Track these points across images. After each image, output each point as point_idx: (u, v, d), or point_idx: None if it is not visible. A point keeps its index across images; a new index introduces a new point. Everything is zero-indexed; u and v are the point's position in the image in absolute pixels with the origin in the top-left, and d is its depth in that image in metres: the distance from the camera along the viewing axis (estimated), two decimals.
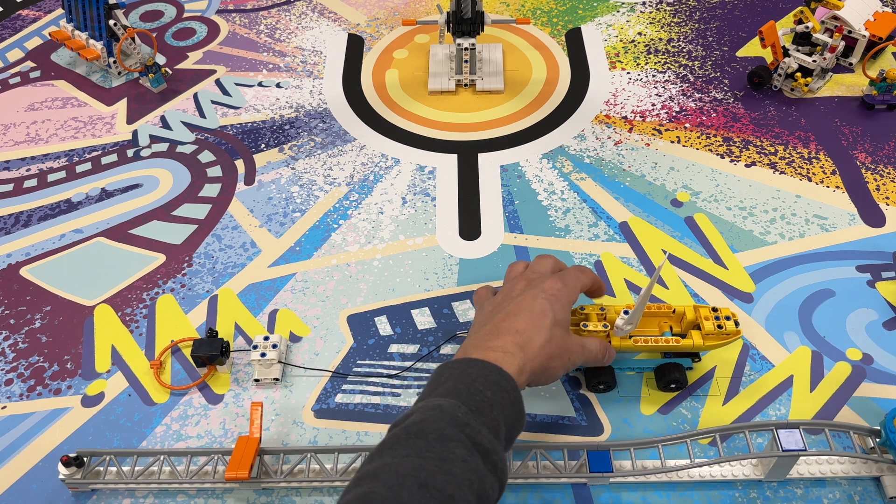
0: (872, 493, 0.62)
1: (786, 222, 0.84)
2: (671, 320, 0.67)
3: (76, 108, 1.04)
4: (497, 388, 0.52)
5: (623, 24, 1.14)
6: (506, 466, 0.50)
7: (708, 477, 0.62)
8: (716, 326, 0.64)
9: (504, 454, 0.50)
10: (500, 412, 0.51)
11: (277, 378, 0.71)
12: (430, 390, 0.53)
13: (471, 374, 0.52)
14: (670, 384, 0.67)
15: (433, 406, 0.49)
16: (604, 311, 0.66)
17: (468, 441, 0.48)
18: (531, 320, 0.58)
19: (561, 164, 0.92)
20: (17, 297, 0.80)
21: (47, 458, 0.67)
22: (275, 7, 1.21)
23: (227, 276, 0.81)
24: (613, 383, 0.68)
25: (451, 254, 0.82)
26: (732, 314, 0.65)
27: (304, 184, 0.91)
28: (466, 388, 0.51)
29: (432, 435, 0.47)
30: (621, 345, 0.64)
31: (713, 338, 0.64)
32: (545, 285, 0.61)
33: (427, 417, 0.48)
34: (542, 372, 0.57)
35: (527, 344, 0.56)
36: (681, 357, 0.68)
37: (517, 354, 0.55)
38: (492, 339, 0.56)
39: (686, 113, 0.98)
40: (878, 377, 0.70)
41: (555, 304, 0.60)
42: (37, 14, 1.23)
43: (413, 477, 0.45)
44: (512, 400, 0.52)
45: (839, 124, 0.96)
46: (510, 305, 0.60)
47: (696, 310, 0.65)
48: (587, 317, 0.65)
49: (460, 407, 0.49)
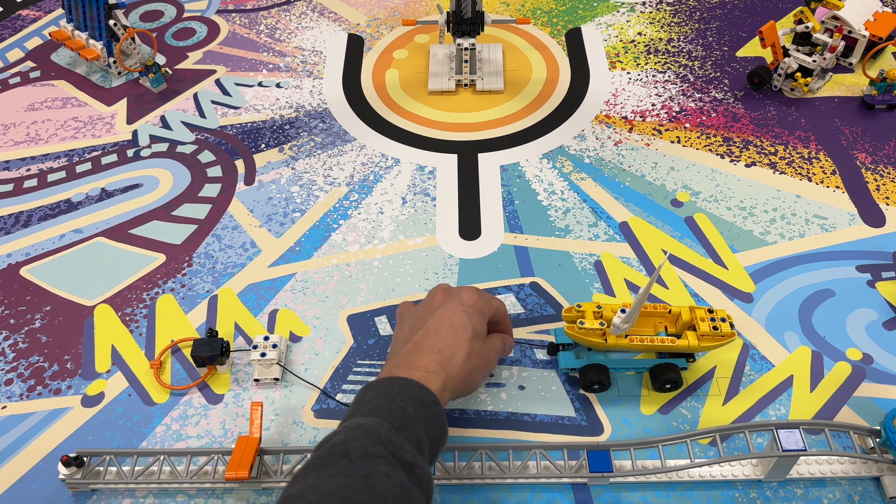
0: (872, 493, 0.62)
1: (786, 222, 0.84)
2: (666, 320, 0.67)
3: (76, 108, 1.04)
4: (419, 405, 0.53)
5: (623, 24, 1.14)
6: (431, 479, 0.50)
7: (708, 477, 0.62)
8: (711, 328, 0.64)
9: (428, 468, 0.51)
10: (423, 428, 0.52)
11: (277, 378, 0.71)
12: (354, 410, 0.54)
13: (392, 392, 0.53)
14: (665, 384, 0.67)
15: (356, 425, 0.50)
16: (600, 308, 0.66)
17: (391, 457, 0.48)
18: (452, 335, 0.59)
19: (561, 164, 0.92)
20: (17, 297, 0.80)
21: (47, 458, 0.67)
22: (275, 7, 1.21)
23: (227, 276, 0.81)
24: (608, 383, 0.68)
25: (451, 254, 0.82)
26: (728, 316, 0.65)
27: (304, 184, 0.91)
28: (389, 406, 0.52)
29: (356, 453, 0.48)
30: (617, 343, 0.64)
31: (708, 339, 0.64)
32: (463, 297, 0.62)
33: (350, 437, 0.49)
34: (464, 386, 0.59)
35: (449, 361, 0.57)
36: (676, 357, 0.68)
37: (440, 373, 0.56)
38: (414, 359, 0.57)
39: (686, 113, 0.98)
40: (878, 377, 0.70)
41: (473, 315, 0.61)
42: (37, 14, 1.23)
43: (338, 495, 0.45)
44: (434, 416, 0.53)
45: (839, 124, 0.96)
46: (430, 321, 0.60)
47: (691, 311, 0.65)
48: (583, 314, 0.65)
49: (383, 424, 0.50)
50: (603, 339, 0.64)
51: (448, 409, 0.68)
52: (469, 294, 0.63)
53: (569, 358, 0.68)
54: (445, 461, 0.63)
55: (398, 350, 0.60)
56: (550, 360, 0.72)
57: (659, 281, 0.78)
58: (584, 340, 0.64)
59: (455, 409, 0.68)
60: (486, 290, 0.78)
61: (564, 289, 0.78)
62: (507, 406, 0.69)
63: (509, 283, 0.79)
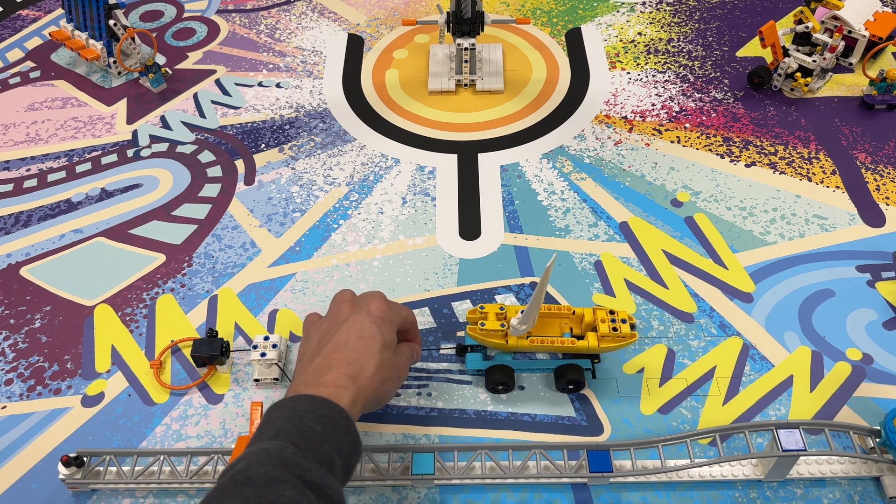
0: (872, 493, 0.62)
1: (786, 222, 0.84)
2: (572, 322, 0.67)
3: (76, 108, 1.04)
4: (328, 422, 0.52)
5: (623, 24, 1.14)
6: (343, 499, 0.49)
7: (708, 477, 0.62)
8: (611, 329, 0.64)
9: (340, 487, 0.50)
10: (333, 445, 0.51)
11: (277, 378, 0.71)
12: (260, 433, 0.52)
13: (300, 412, 0.52)
14: (568, 385, 0.68)
15: (259, 451, 0.49)
16: (503, 310, 0.66)
17: (298, 481, 0.47)
18: (361, 347, 0.58)
19: (561, 164, 0.92)
20: (17, 297, 0.80)
21: (47, 458, 0.67)
22: (275, 7, 1.21)
23: (227, 276, 0.81)
24: (512, 384, 0.68)
25: (451, 254, 0.82)
26: (629, 317, 0.65)
27: (304, 184, 0.91)
28: (296, 427, 0.51)
29: (260, 480, 0.47)
30: (518, 344, 0.64)
31: (608, 340, 0.65)
32: (371, 308, 0.61)
33: (253, 463, 0.48)
34: (375, 398, 0.58)
35: (359, 374, 0.56)
36: (580, 358, 0.68)
37: (350, 387, 0.55)
38: (323, 374, 0.56)
39: (686, 113, 0.98)
40: (877, 377, 0.70)
41: (382, 326, 0.60)
42: (37, 14, 1.23)
43: None
44: (345, 431, 0.52)
45: (839, 124, 0.96)
46: (338, 333, 0.59)
47: (594, 312, 0.66)
48: (486, 316, 0.65)
49: (288, 447, 0.49)
50: (504, 340, 0.64)
51: (448, 408, 0.68)
52: (377, 304, 0.61)
53: (476, 359, 0.69)
54: (445, 461, 0.63)
55: (305, 366, 0.58)
56: None
57: (659, 281, 0.78)
58: (485, 342, 0.65)
59: (455, 409, 0.68)
60: (486, 290, 0.78)
61: (564, 289, 0.78)
62: (507, 406, 0.69)
63: (509, 283, 0.79)
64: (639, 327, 0.74)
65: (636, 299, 0.77)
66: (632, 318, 0.65)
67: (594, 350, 0.65)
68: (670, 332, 0.74)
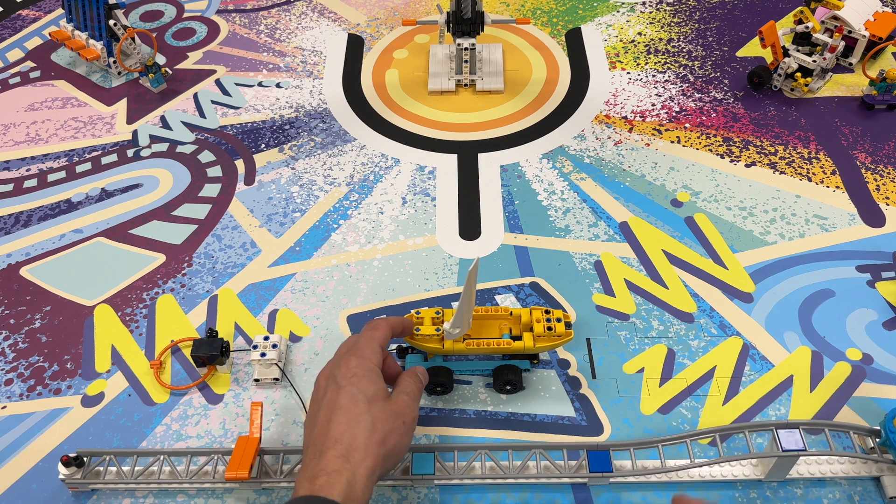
0: (872, 493, 0.62)
1: (786, 222, 0.84)
2: (510, 322, 0.68)
3: (76, 108, 1.04)
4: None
5: (623, 24, 1.14)
6: None
7: (708, 477, 0.62)
8: (545, 328, 0.64)
9: None
10: None
11: (277, 378, 0.71)
12: None
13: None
14: (505, 386, 0.68)
15: None
16: (440, 314, 0.66)
17: None
18: (344, 418, 0.55)
19: (561, 164, 0.92)
20: (17, 297, 0.80)
21: (47, 458, 0.67)
22: (275, 7, 1.21)
23: (227, 276, 0.81)
24: (451, 386, 0.68)
25: (451, 254, 0.82)
26: (564, 316, 0.66)
27: (304, 184, 0.91)
28: None
29: None
30: (453, 348, 0.65)
31: (543, 339, 0.65)
32: (340, 371, 0.58)
33: None
34: (384, 460, 0.55)
35: (350, 449, 0.54)
36: (519, 359, 0.68)
37: (343, 470, 0.52)
38: (317, 462, 0.54)
39: (686, 113, 0.98)
40: (877, 377, 0.70)
41: (358, 383, 0.57)
42: (37, 14, 1.23)
43: None
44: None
45: (839, 124, 0.96)
46: (320, 414, 0.57)
47: (530, 312, 0.66)
48: (422, 321, 0.66)
49: None
50: (440, 344, 0.65)
51: (448, 408, 0.68)
52: (344, 364, 0.58)
53: (416, 361, 0.69)
54: (445, 461, 0.63)
55: (305, 455, 0.56)
56: (550, 360, 0.72)
57: (659, 281, 0.78)
58: (422, 346, 0.65)
59: (455, 408, 0.69)
60: (486, 290, 0.78)
61: (564, 289, 0.78)
62: (507, 406, 0.69)
63: (509, 283, 0.79)
64: (639, 327, 0.74)
65: (636, 299, 0.77)
66: (567, 317, 0.66)
67: (530, 350, 0.65)
68: (670, 332, 0.74)
